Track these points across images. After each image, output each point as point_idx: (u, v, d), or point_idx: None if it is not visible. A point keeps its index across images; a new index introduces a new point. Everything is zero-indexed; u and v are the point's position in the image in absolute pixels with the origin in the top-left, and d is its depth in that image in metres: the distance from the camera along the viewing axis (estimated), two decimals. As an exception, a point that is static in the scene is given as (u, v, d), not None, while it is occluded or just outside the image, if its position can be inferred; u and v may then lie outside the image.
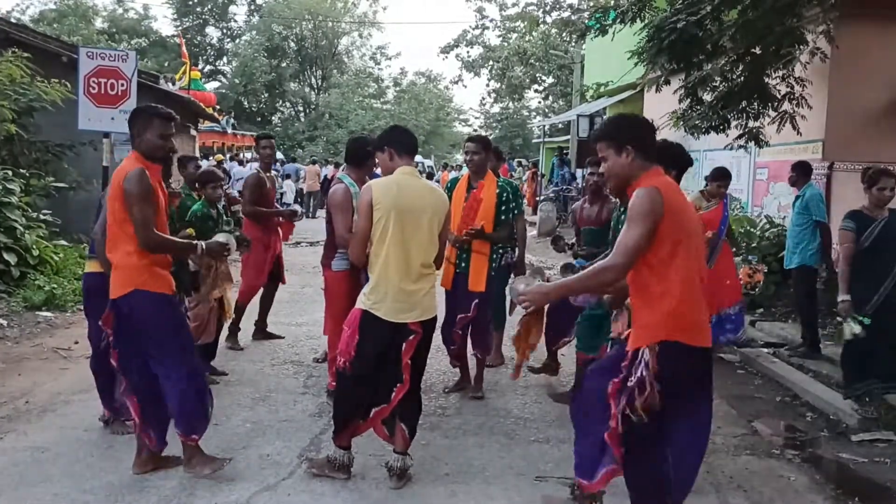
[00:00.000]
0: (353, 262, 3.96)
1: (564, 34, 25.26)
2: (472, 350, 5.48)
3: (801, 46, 6.91)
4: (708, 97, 7.69)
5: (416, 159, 4.50)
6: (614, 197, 5.05)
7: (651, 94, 11.04)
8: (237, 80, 41.02)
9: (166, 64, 37.91)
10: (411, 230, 3.62)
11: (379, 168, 4.03)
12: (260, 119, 42.48)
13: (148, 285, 3.55)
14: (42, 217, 8.75)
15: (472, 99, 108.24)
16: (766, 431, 4.82)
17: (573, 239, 5.65)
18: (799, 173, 6.68)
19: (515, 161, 28.48)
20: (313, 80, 45.14)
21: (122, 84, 8.53)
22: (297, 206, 8.66)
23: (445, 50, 35.35)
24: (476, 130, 40.40)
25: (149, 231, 3.49)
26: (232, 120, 27.20)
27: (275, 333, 6.80)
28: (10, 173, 8.38)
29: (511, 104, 40.83)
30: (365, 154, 4.81)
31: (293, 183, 20.69)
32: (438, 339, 4.53)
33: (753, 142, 7.69)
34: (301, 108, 44.90)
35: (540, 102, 39.15)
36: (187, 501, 3.50)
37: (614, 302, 3.78)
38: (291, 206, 8.82)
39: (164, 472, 3.76)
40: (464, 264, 5.15)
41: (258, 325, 6.73)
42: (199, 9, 44.04)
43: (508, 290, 3.87)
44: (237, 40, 44.57)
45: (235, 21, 45.42)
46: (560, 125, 25.77)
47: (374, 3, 47.12)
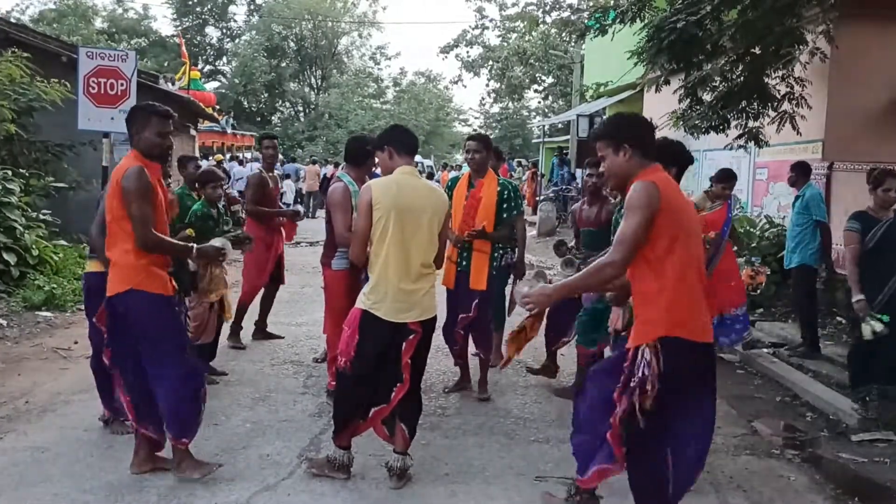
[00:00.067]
0: (353, 262, 3.96)
1: (564, 34, 25.20)
2: (474, 350, 5.50)
3: (801, 46, 6.90)
4: (708, 97, 7.67)
5: (416, 159, 4.50)
6: (614, 195, 5.06)
7: (651, 94, 11.03)
8: (237, 80, 41.02)
9: (166, 64, 37.91)
10: (411, 230, 3.62)
11: (379, 168, 4.03)
12: (260, 119, 42.46)
13: (144, 285, 3.52)
14: (42, 217, 8.74)
15: (472, 99, 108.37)
16: (766, 431, 4.82)
17: (573, 241, 5.65)
18: (798, 173, 6.69)
19: (515, 161, 28.48)
20: (313, 80, 45.13)
21: (122, 84, 8.54)
22: (299, 207, 8.67)
23: (445, 50, 35.36)
24: (476, 130, 40.30)
25: (147, 230, 3.48)
26: (231, 120, 27.23)
27: (274, 333, 6.80)
28: (10, 173, 8.38)
29: (511, 104, 40.82)
30: (365, 153, 4.81)
31: (293, 183, 20.70)
32: (438, 338, 4.53)
33: (753, 142, 7.69)
34: (301, 108, 44.89)
35: (540, 102, 39.17)
36: (187, 501, 3.50)
37: (617, 300, 3.78)
38: (294, 207, 8.80)
39: (164, 472, 3.75)
40: (465, 262, 5.15)
41: (258, 325, 6.74)
42: (198, 9, 44.05)
43: (514, 292, 3.86)
44: (237, 40, 44.59)
45: (235, 21, 45.53)
46: (560, 125, 25.76)
47: (373, 3, 47.18)
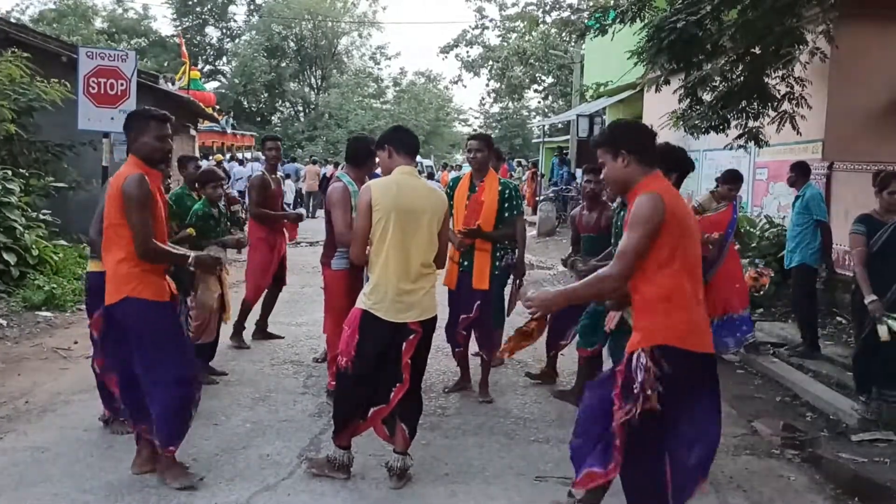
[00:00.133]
0: (354, 262, 3.96)
1: (564, 34, 25.19)
2: (475, 350, 5.49)
3: (801, 46, 6.90)
4: (708, 97, 7.67)
5: (416, 159, 4.50)
6: (614, 199, 5.05)
7: (651, 94, 11.04)
8: (237, 80, 41.01)
9: (166, 64, 37.93)
10: (411, 230, 3.62)
11: (379, 168, 4.03)
12: (259, 119, 42.47)
13: (138, 292, 3.49)
14: (42, 217, 8.74)
15: (472, 99, 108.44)
16: (766, 431, 4.81)
17: (571, 249, 5.65)
18: (798, 174, 6.69)
19: (515, 161, 28.47)
20: (313, 80, 45.13)
21: (122, 84, 8.55)
22: (302, 210, 8.70)
23: (445, 50, 35.36)
24: (476, 130, 40.34)
25: (147, 239, 3.45)
26: (231, 120, 27.24)
27: (275, 333, 6.80)
28: (10, 173, 8.38)
29: (511, 104, 40.83)
30: (366, 154, 4.79)
31: (293, 183, 20.71)
32: (438, 339, 4.53)
33: (753, 142, 7.68)
34: (301, 108, 44.89)
35: (540, 102, 39.17)
36: (187, 501, 3.50)
37: (616, 305, 3.79)
38: (297, 210, 8.84)
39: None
40: (467, 262, 5.15)
41: (259, 325, 6.74)
42: (198, 9, 44.05)
43: (519, 293, 3.86)
44: (237, 40, 44.58)
45: (235, 21, 45.53)
46: (560, 125, 25.76)
47: (373, 3, 47.18)
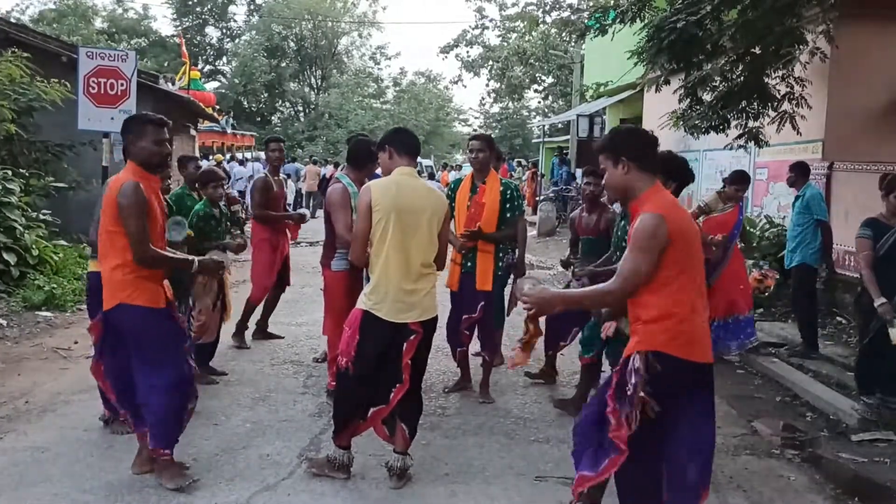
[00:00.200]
0: (354, 263, 3.96)
1: (564, 34, 25.21)
2: (475, 351, 5.49)
3: (801, 46, 6.90)
4: (708, 97, 7.67)
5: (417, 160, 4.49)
6: (613, 204, 5.05)
7: (651, 93, 11.03)
8: (237, 80, 41.02)
9: (166, 64, 37.93)
10: (411, 230, 3.62)
11: (379, 168, 4.03)
12: (259, 119, 42.47)
13: (132, 299, 3.48)
14: (42, 217, 8.74)
15: (472, 99, 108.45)
16: (766, 431, 4.82)
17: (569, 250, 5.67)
18: (797, 174, 6.69)
19: (515, 161, 28.47)
20: (313, 80, 45.13)
21: (122, 84, 8.56)
22: (305, 211, 8.69)
23: (445, 50, 35.35)
24: (476, 130, 40.37)
25: (145, 246, 3.44)
26: (231, 120, 27.23)
27: (275, 333, 6.81)
28: (10, 173, 8.38)
29: (511, 104, 40.81)
30: (367, 156, 4.78)
31: (293, 183, 20.70)
32: (438, 339, 4.52)
33: (753, 142, 7.68)
34: (301, 108, 44.89)
35: (540, 102, 39.15)
36: (187, 501, 3.50)
37: (612, 314, 3.80)
38: (300, 210, 8.86)
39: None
40: (469, 264, 5.14)
41: (259, 325, 6.75)
42: (198, 9, 44.06)
43: (516, 288, 3.84)
44: (237, 40, 44.59)
45: (235, 21, 45.54)
46: (560, 125, 25.75)
47: (373, 3, 47.22)
